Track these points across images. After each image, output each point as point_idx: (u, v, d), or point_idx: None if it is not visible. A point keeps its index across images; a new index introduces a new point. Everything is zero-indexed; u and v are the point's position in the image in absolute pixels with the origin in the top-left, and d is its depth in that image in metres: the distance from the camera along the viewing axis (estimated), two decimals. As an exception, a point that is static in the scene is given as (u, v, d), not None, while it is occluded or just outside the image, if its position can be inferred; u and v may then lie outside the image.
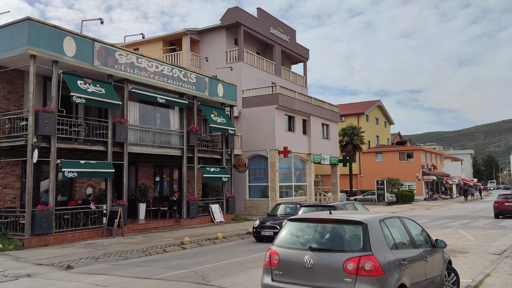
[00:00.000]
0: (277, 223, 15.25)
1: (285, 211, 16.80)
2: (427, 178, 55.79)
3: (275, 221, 15.48)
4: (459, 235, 16.19)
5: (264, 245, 14.36)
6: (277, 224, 15.06)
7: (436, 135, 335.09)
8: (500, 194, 25.20)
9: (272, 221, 15.54)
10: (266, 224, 15.56)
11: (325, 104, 33.34)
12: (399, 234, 6.11)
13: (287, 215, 15.82)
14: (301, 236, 5.65)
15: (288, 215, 15.27)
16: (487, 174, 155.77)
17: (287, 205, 17.27)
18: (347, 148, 48.67)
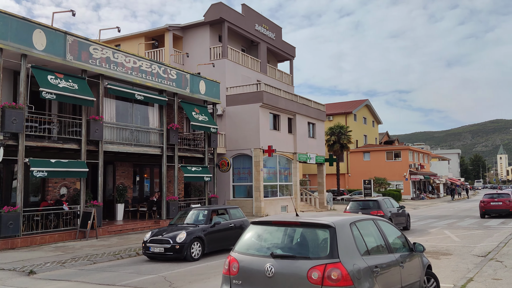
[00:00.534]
0: (169, 237, 11.70)
1: (194, 219, 13.13)
2: (414, 177, 55.75)
3: (168, 234, 11.90)
4: (443, 236, 15.82)
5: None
6: (170, 238, 11.63)
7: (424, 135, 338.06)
8: (486, 194, 24.98)
9: (166, 234, 11.97)
10: (158, 237, 11.95)
11: (311, 103, 32.89)
12: (372, 238, 5.61)
13: (194, 224, 12.67)
14: (265, 241, 5.11)
15: (196, 225, 12.53)
16: (474, 173, 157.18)
17: (198, 211, 13.49)
18: (335, 147, 48.40)
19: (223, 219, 13.37)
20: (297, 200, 30.22)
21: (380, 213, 16.89)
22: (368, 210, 17.28)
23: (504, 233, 15.97)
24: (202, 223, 12.72)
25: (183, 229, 12.07)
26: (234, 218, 13.80)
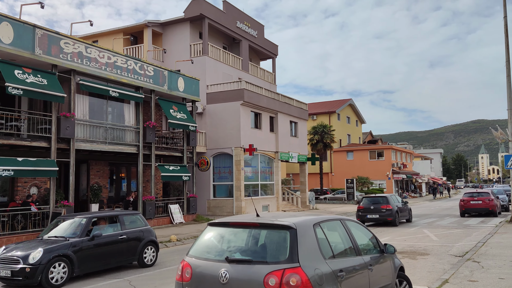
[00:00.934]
0: (20, 256, 8.69)
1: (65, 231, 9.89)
2: (397, 176, 56.02)
3: (20, 251, 8.91)
4: (422, 235, 15.66)
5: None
6: (21, 257, 8.64)
7: (408, 135, 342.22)
8: (466, 193, 25.04)
9: (18, 250, 8.98)
10: (7, 255, 8.92)
11: (293, 101, 32.63)
12: (339, 240, 5.27)
13: (64, 237, 9.52)
14: (221, 244, 4.71)
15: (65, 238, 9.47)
16: (456, 173, 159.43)
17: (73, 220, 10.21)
18: (318, 147, 48.32)
19: (113, 229, 10.46)
20: (278, 199, 29.93)
21: (388, 207, 19.75)
22: (378, 205, 20.11)
23: (483, 232, 15.89)
24: (74, 235, 9.57)
25: (42, 245, 9.02)
26: (130, 227, 10.85)
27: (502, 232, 14.95)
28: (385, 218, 19.71)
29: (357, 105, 66.93)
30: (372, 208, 20.33)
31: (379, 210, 20.01)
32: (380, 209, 19.91)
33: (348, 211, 31.15)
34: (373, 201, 20.69)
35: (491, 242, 12.46)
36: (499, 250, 11.15)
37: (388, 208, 19.70)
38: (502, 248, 11.38)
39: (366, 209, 20.61)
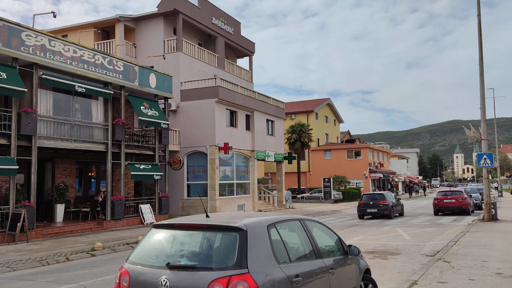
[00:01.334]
0: None
1: None
2: (374, 175, 56.43)
3: None
4: (395, 234, 15.50)
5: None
6: None
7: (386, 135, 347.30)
8: (439, 191, 25.17)
9: None
10: None
11: (270, 100, 32.29)
12: (297, 242, 4.88)
13: None
14: (164, 249, 4.25)
15: None
16: (432, 172, 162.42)
17: None
18: (296, 146, 48.15)
19: None
20: (254, 198, 29.54)
21: (385, 203, 22.73)
22: (376, 201, 22.99)
23: (455, 230, 15.84)
24: None
25: None
26: None
27: (474, 231, 14.91)
28: (382, 212, 22.65)
29: (335, 105, 67.20)
30: (371, 204, 23.05)
31: (377, 205, 22.83)
32: (378, 204, 22.80)
33: (324, 210, 31.01)
34: (371, 198, 23.55)
35: (462, 241, 12.34)
36: (470, 249, 11.02)
37: (384, 204, 22.77)
38: (473, 247, 11.25)
39: (366, 204, 23.34)
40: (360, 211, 23.55)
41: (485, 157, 18.15)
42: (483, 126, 18.47)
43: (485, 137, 18.45)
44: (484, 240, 12.52)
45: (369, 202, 23.30)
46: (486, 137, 18.55)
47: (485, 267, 8.67)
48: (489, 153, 18.18)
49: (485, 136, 18.44)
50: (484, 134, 18.43)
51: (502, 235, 13.61)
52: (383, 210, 22.63)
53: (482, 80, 18.50)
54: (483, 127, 18.47)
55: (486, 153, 18.28)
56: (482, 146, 18.71)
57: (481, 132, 18.58)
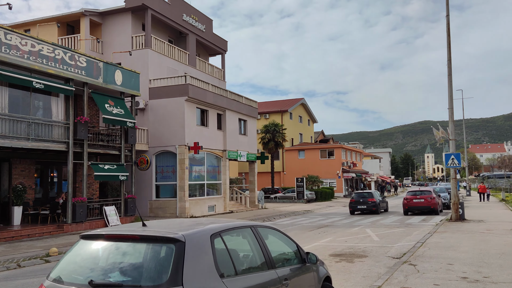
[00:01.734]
0: None
1: None
2: (346, 175, 56.82)
3: None
4: (364, 235, 15.33)
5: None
6: None
7: (360, 135, 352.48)
8: (409, 191, 25.34)
9: None
10: None
11: (242, 99, 31.85)
12: (247, 253, 4.46)
13: None
14: (90, 264, 3.73)
15: None
16: (404, 171, 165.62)
17: None
18: (269, 145, 47.91)
19: None
20: (226, 199, 29.04)
21: (373, 200, 25.95)
22: (366, 198, 26.20)
23: (423, 231, 15.81)
24: None
25: None
26: None
27: (442, 231, 14.90)
28: (371, 208, 25.90)
29: (309, 105, 67.40)
30: (361, 201, 26.30)
31: (366, 202, 26.06)
32: (367, 201, 26.03)
33: (297, 210, 30.82)
34: (361, 196, 26.94)
35: (429, 242, 12.24)
36: (437, 251, 10.89)
37: (373, 201, 26.02)
38: (440, 249, 11.12)
39: (356, 202, 26.52)
40: (352, 207, 26.55)
41: (452, 157, 18.25)
42: (451, 126, 18.57)
43: (453, 138, 18.55)
44: (450, 241, 12.46)
45: (359, 199, 26.41)
46: (455, 137, 18.66)
47: (451, 270, 8.49)
48: (456, 153, 18.29)
49: (453, 136, 18.55)
50: (452, 134, 18.53)
51: (468, 235, 13.61)
52: (371, 206, 25.87)
53: (450, 80, 18.60)
54: (451, 127, 18.57)
55: (453, 153, 18.38)
56: (450, 146, 18.81)
57: (449, 133, 18.68)
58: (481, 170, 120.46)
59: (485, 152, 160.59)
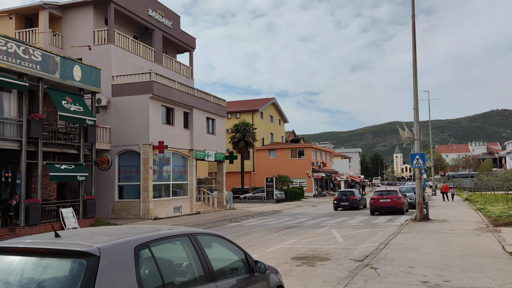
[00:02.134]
0: None
1: None
2: (316, 175, 57.05)
3: None
4: (329, 236, 15.09)
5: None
6: None
7: (331, 135, 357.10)
8: (375, 191, 25.42)
9: None
10: None
11: (210, 97, 31.24)
12: (182, 265, 3.98)
13: None
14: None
15: None
16: (373, 171, 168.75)
17: None
18: (239, 145, 47.47)
19: None
20: (192, 200, 28.39)
21: (355, 198, 29.24)
22: (348, 196, 29.46)
23: (388, 231, 15.73)
24: None
25: None
26: None
27: (405, 232, 14.83)
28: (353, 204, 29.09)
29: (280, 105, 67.36)
30: (344, 198, 29.62)
31: (348, 199, 29.34)
32: (349, 199, 29.33)
33: (265, 211, 30.51)
34: (344, 194, 30.21)
35: (392, 244, 12.08)
36: (399, 253, 10.71)
37: (354, 198, 29.37)
38: (402, 251, 10.96)
39: (340, 199, 29.61)
40: (335, 205, 29.59)
41: (417, 157, 18.30)
42: (416, 126, 18.64)
43: (418, 138, 18.62)
44: (413, 242, 12.35)
45: (342, 197, 29.73)
46: (421, 137, 18.72)
47: (412, 274, 8.27)
48: (421, 154, 18.35)
49: (418, 136, 18.62)
50: (417, 134, 18.60)
51: (431, 236, 13.57)
52: (353, 203, 29.13)
53: (415, 80, 18.66)
54: (416, 127, 18.64)
55: (418, 153, 18.44)
56: (415, 146, 18.88)
57: (414, 133, 18.74)
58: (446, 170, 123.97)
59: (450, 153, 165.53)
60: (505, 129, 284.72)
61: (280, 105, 66.96)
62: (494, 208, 25.48)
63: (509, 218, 18.57)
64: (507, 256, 9.68)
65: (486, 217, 20.22)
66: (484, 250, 10.44)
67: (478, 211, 23.85)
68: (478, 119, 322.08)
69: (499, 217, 19.46)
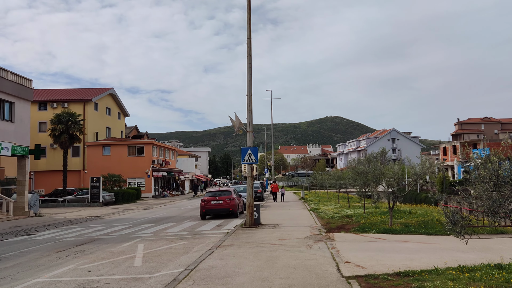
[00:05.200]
0: None
1: None
2: (157, 174, 52.41)
3: None
4: (128, 256, 11.02)
5: None
6: None
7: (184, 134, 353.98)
8: (207, 192, 22.36)
9: None
10: None
11: (8, 74, 24.21)
12: None
13: None
14: None
15: None
16: (223, 170, 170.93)
17: None
18: (62, 138, 40.05)
19: None
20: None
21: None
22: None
23: (207, 244, 12.41)
24: None
25: None
26: None
27: (227, 245, 11.68)
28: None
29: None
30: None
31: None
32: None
33: (80, 217, 24.79)
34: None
35: (201, 269, 8.64)
36: (206, 285, 7.27)
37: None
38: (209, 282, 7.55)
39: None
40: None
41: (249, 152, 15.61)
42: (249, 116, 15.94)
43: (250, 129, 15.91)
44: (230, 263, 9.13)
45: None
46: (252, 129, 16.05)
47: None
48: (253, 148, 15.72)
49: (250, 128, 15.91)
50: (250, 125, 15.90)
51: (256, 251, 10.62)
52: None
53: (249, 62, 15.97)
54: (249, 117, 15.95)
55: (250, 147, 15.76)
56: (248, 139, 16.16)
57: (247, 123, 16.00)
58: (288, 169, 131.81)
59: (291, 153, 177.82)
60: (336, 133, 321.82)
61: (119, 97, 60.30)
62: (327, 208, 24.85)
63: (341, 221, 17.24)
64: (343, 283, 7.03)
65: (319, 219, 18.75)
66: (315, 274, 7.70)
67: (312, 212, 22.69)
68: (316, 124, 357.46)
69: (331, 219, 18.11)
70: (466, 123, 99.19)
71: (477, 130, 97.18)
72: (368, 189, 16.76)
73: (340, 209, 23.42)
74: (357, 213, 19.93)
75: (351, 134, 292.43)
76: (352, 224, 15.79)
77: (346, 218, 18.33)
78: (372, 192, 15.43)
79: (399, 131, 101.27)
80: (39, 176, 51.17)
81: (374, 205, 19.51)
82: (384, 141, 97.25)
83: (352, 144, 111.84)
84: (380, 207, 21.58)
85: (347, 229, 14.40)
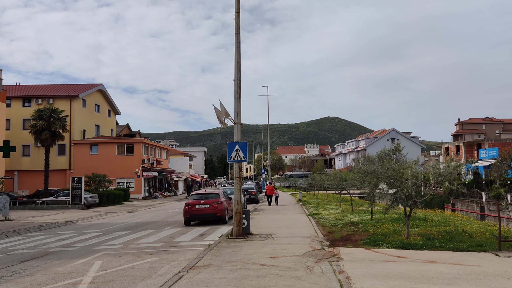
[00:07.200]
0: None
1: None
2: (147, 174, 49.76)
3: None
4: (67, 283, 8.39)
5: None
6: None
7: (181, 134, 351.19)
8: (192, 194, 19.77)
9: None
10: None
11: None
12: None
13: None
14: None
15: None
16: (220, 171, 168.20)
17: None
18: (43, 136, 37.39)
19: None
20: None
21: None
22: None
23: (180, 263, 9.81)
24: None
25: None
26: None
27: (202, 266, 9.08)
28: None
29: (109, 93, 58.13)
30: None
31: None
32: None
33: (53, 221, 22.00)
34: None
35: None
36: None
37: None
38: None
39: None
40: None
41: (237, 148, 13.04)
42: (237, 105, 13.38)
43: (238, 121, 13.33)
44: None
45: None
46: (240, 121, 13.46)
47: None
48: (242, 143, 13.15)
49: (238, 119, 13.33)
50: (238, 116, 13.33)
51: (238, 276, 8.01)
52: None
53: (238, 40, 13.40)
54: (237, 106, 13.38)
55: (238, 142, 13.19)
56: (235, 133, 13.57)
57: (235, 113, 13.41)
58: (285, 169, 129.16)
59: (289, 154, 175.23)
60: (334, 134, 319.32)
61: (109, 93, 57.65)
62: (328, 212, 22.27)
63: (346, 230, 14.67)
64: None
65: (319, 226, 16.17)
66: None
67: (311, 217, 20.12)
68: (313, 124, 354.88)
69: (334, 227, 15.53)
70: (467, 123, 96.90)
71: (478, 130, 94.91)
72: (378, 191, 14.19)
73: (343, 214, 20.85)
74: (363, 219, 17.37)
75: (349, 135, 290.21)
76: (360, 234, 13.24)
77: (351, 225, 15.77)
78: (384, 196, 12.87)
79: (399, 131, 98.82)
80: (23, 175, 48.50)
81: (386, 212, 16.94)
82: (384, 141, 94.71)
83: (351, 144, 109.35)
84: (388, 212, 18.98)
85: (354, 242, 11.85)
